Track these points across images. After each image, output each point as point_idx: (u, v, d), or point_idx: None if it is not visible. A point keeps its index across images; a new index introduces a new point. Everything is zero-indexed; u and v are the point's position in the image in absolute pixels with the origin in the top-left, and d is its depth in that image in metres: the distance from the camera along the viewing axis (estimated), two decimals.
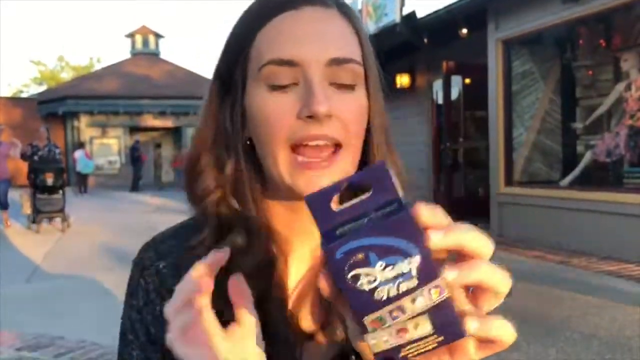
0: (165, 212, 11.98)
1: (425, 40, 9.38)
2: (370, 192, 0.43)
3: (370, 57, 0.71)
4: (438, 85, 10.52)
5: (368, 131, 0.70)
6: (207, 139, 0.71)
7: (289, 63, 0.64)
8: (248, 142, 0.70)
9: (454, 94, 10.05)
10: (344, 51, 0.66)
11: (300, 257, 0.74)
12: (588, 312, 4.44)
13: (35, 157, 10.17)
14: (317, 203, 0.44)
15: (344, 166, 0.66)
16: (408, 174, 0.75)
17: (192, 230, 0.73)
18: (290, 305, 0.72)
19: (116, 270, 6.33)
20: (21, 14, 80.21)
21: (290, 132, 0.64)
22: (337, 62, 0.65)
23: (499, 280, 0.47)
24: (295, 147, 0.65)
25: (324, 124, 0.63)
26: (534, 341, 3.88)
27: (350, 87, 0.67)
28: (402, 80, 11.31)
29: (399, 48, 9.75)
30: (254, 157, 0.70)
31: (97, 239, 9.22)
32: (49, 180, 10.09)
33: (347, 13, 0.70)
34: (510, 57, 8.27)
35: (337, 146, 0.65)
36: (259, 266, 0.70)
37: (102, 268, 6.69)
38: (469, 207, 9.58)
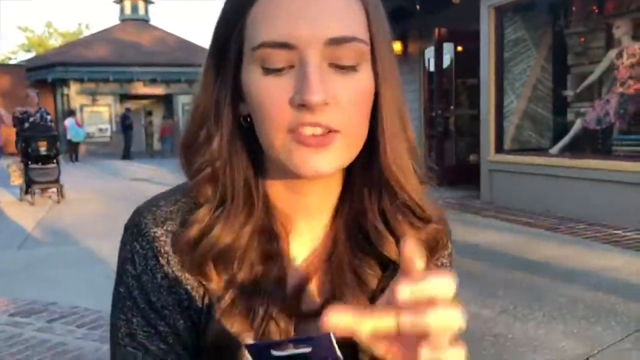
0: (158, 180, 11.96)
1: (418, 6, 9.28)
2: (311, 349, 0.46)
3: (380, 31, 0.66)
4: (430, 52, 10.45)
5: (377, 110, 0.67)
6: (203, 112, 0.69)
7: (284, 46, 0.60)
8: (248, 119, 0.68)
9: (446, 61, 9.99)
10: (345, 29, 0.61)
11: (302, 235, 0.73)
12: (575, 277, 4.52)
13: (26, 124, 9.57)
14: (258, 350, 0.48)
15: (342, 150, 0.64)
16: None
17: (190, 197, 0.71)
18: (289, 282, 0.71)
19: (109, 237, 6.33)
20: None
21: (285, 119, 0.61)
22: (336, 41, 0.61)
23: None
24: (292, 131, 0.62)
25: (317, 112, 0.60)
26: (521, 304, 3.96)
27: (352, 68, 0.62)
28: (394, 47, 11.22)
29: (391, 14, 9.48)
30: (252, 133, 0.67)
31: (90, 207, 9.23)
32: (43, 149, 9.50)
33: None
34: (503, 24, 8.20)
35: (335, 132, 0.62)
36: (259, 241, 0.69)
37: (95, 235, 6.71)
38: (459, 175, 9.64)
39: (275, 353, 0.46)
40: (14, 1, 78.64)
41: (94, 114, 25.06)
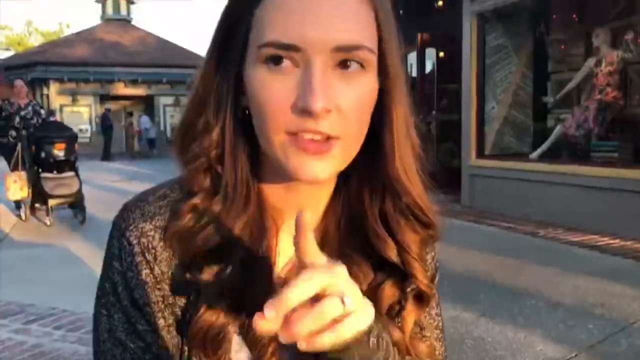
0: (139, 181, 11.85)
1: (401, 11, 9.34)
2: None
3: (390, 38, 0.66)
4: (412, 57, 10.51)
5: (383, 115, 0.67)
6: (202, 99, 0.69)
7: (291, 48, 0.60)
8: (247, 112, 0.67)
9: (428, 66, 10.06)
10: (354, 35, 0.61)
11: (292, 231, 0.71)
12: (553, 281, 4.57)
13: (17, 118, 7.75)
14: None
15: (340, 156, 0.64)
16: None
17: (179, 191, 0.71)
18: (275, 278, 0.71)
19: (89, 239, 6.30)
20: None
21: (286, 122, 0.61)
22: (344, 49, 0.60)
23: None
24: (291, 134, 0.62)
25: (319, 119, 0.60)
26: (501, 308, 4.00)
27: (357, 74, 0.62)
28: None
29: None
30: (250, 126, 0.66)
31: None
32: (60, 152, 7.35)
33: None
34: (485, 31, 8.28)
35: (335, 138, 0.62)
36: (251, 234, 0.68)
37: (74, 237, 6.63)
38: (441, 180, 9.69)
39: None
40: None
41: (74, 114, 24.75)
